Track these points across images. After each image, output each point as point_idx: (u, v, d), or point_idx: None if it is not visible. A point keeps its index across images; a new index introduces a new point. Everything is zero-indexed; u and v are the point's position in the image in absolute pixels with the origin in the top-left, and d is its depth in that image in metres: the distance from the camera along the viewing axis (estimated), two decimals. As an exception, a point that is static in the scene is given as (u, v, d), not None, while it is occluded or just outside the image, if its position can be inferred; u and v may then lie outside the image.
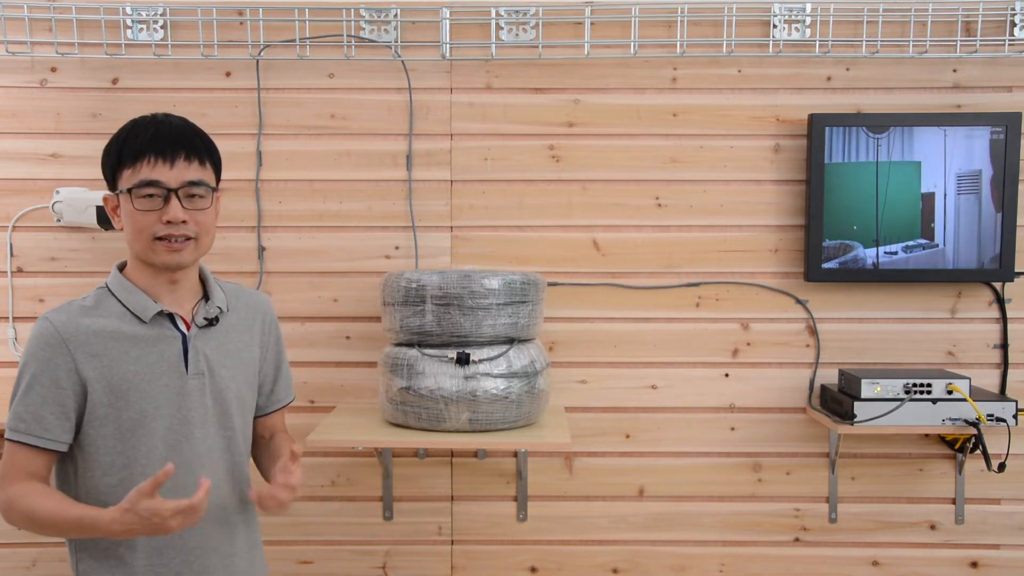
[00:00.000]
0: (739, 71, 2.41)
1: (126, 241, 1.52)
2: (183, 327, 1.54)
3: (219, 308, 1.58)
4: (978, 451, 2.26)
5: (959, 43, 2.37)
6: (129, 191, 1.46)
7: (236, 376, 1.60)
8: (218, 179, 1.56)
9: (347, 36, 2.38)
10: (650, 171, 2.43)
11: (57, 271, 2.41)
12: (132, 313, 1.50)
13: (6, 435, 1.46)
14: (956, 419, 2.20)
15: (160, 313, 1.51)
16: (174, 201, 1.46)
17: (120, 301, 1.51)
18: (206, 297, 1.59)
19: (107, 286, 1.54)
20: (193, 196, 1.49)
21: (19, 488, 1.45)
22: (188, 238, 1.49)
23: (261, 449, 1.73)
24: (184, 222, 1.47)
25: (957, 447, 2.41)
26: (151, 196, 1.46)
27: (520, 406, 2.10)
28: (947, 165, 2.33)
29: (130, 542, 1.50)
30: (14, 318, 2.40)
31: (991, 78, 2.41)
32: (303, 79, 2.41)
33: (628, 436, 2.46)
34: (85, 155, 2.39)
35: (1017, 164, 2.33)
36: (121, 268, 1.57)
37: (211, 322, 1.56)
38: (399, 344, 2.17)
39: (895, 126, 2.33)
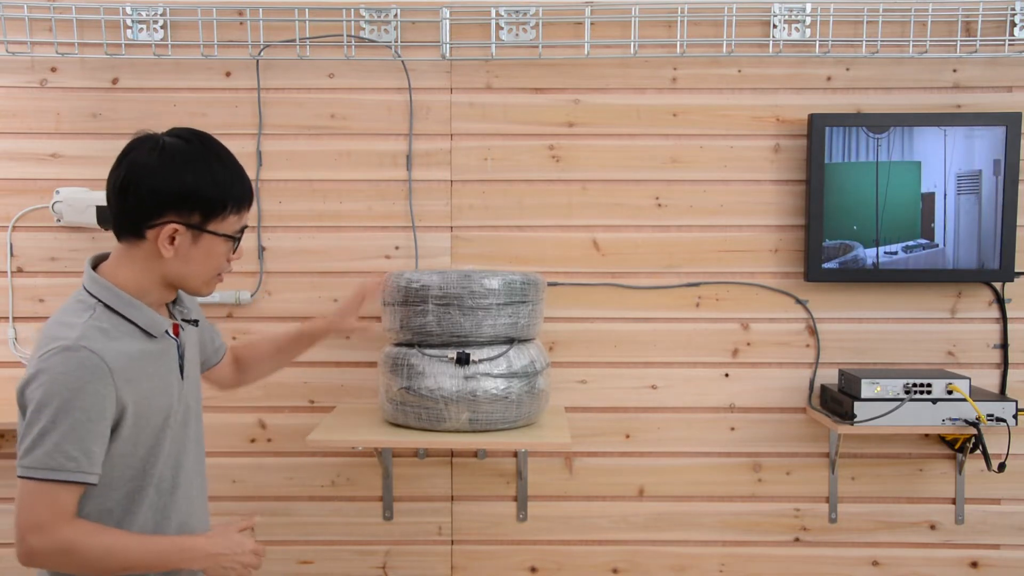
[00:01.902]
0: (739, 71, 2.41)
1: (175, 270, 1.46)
2: (173, 333, 1.54)
3: (188, 307, 1.62)
4: (978, 451, 2.26)
5: (959, 43, 2.37)
6: (233, 237, 1.49)
7: (198, 367, 1.67)
8: None
9: (347, 36, 2.38)
10: (650, 171, 2.43)
11: (57, 271, 2.41)
12: (141, 330, 1.46)
13: (47, 476, 1.35)
14: (956, 419, 2.20)
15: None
16: (238, 243, 1.52)
17: (127, 318, 1.45)
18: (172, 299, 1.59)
19: (102, 301, 1.45)
20: None
21: (76, 528, 1.38)
22: None
23: (251, 362, 1.92)
24: None
25: (957, 447, 2.41)
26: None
27: (520, 406, 2.10)
28: (947, 165, 2.33)
29: None
30: (14, 318, 2.41)
31: (991, 78, 2.40)
32: (303, 79, 2.41)
33: (628, 436, 2.46)
34: (85, 155, 2.39)
35: (1017, 164, 2.33)
36: (94, 270, 1.50)
37: (190, 323, 1.60)
38: (399, 344, 2.17)
39: (895, 126, 2.33)
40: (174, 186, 1.41)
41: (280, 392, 2.44)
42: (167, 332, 1.52)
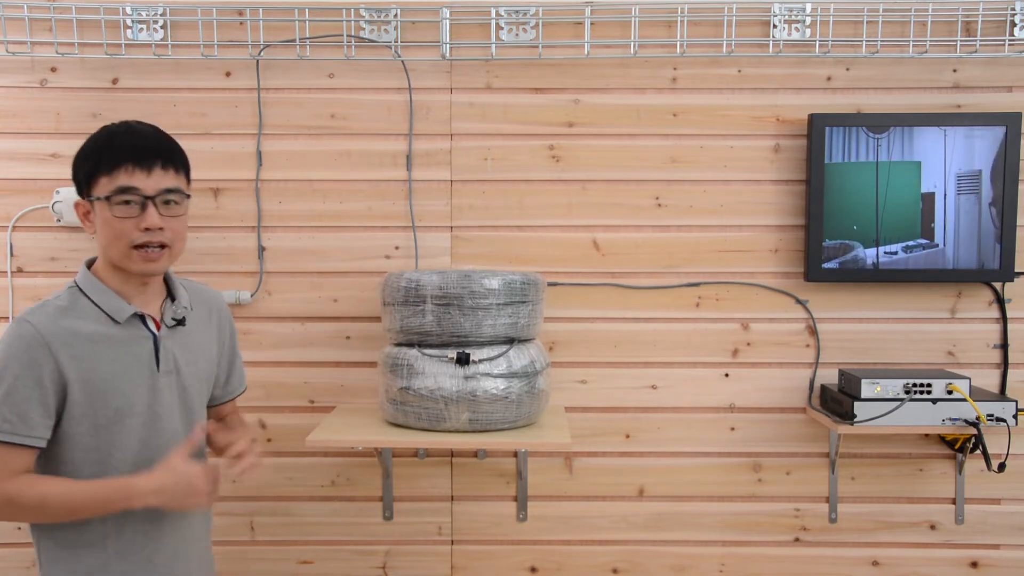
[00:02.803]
0: (739, 71, 2.41)
1: (100, 246, 1.55)
2: (153, 327, 1.59)
3: (185, 308, 1.64)
4: (978, 451, 2.26)
5: (959, 43, 2.37)
6: (107, 198, 1.50)
7: (199, 372, 1.67)
8: (188, 185, 1.60)
9: (347, 36, 2.38)
10: (650, 171, 2.43)
11: (57, 271, 2.41)
12: (106, 314, 1.54)
13: None
14: (956, 419, 2.20)
15: (133, 314, 1.56)
16: (151, 208, 1.51)
17: (94, 302, 1.54)
18: (171, 297, 1.64)
19: (78, 285, 1.56)
20: (169, 203, 1.54)
21: (17, 483, 1.47)
22: (163, 246, 1.53)
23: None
24: (161, 229, 1.52)
25: (957, 447, 2.41)
26: (128, 203, 1.50)
27: (520, 406, 2.10)
28: (947, 165, 2.33)
29: (102, 526, 1.53)
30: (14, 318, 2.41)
31: (991, 78, 2.40)
32: (303, 79, 2.41)
33: (628, 436, 2.46)
34: (85, 155, 2.38)
35: (1017, 164, 2.33)
36: (89, 264, 1.60)
37: (179, 322, 1.62)
38: (399, 344, 2.17)
39: (895, 126, 2.33)
40: (74, 168, 1.57)
41: (280, 392, 2.44)
42: (143, 323, 1.57)
